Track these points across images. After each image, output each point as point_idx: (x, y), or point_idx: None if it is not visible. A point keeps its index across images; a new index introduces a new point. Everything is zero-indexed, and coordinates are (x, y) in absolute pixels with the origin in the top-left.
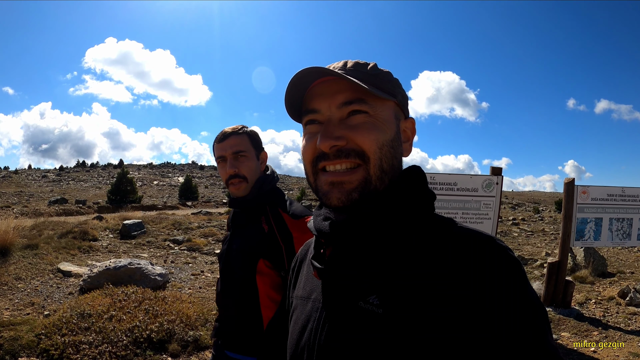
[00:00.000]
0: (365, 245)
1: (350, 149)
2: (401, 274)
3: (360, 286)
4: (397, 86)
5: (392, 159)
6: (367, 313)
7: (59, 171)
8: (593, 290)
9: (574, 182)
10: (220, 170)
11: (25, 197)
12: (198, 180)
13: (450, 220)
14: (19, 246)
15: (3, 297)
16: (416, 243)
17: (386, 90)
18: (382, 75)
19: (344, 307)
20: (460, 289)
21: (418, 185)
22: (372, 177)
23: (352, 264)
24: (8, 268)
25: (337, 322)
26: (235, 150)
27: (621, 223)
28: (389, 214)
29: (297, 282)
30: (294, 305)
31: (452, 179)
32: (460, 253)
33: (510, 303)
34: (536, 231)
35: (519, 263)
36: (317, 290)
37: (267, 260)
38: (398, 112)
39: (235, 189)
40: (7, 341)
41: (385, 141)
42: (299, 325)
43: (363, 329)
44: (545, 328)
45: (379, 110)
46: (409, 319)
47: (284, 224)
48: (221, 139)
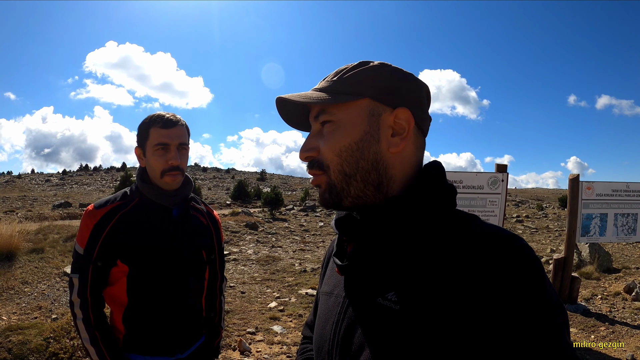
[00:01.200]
0: (384, 242)
1: (315, 161)
2: (419, 271)
3: (379, 283)
4: (370, 80)
5: (358, 160)
6: (385, 309)
7: (62, 175)
8: (599, 286)
9: (578, 178)
10: (158, 157)
11: (29, 201)
12: (201, 182)
13: (473, 216)
14: (25, 250)
15: (10, 302)
16: (435, 240)
17: (352, 91)
18: (350, 77)
19: (363, 303)
20: (476, 287)
21: (435, 181)
22: (335, 181)
23: (371, 261)
24: (14, 272)
25: (356, 317)
26: (182, 141)
27: (626, 218)
28: (406, 211)
29: (323, 278)
30: (320, 300)
31: (457, 176)
32: (478, 251)
33: (526, 302)
34: (540, 228)
35: (538, 262)
36: (339, 286)
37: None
38: (375, 107)
39: (172, 180)
40: (16, 345)
41: (344, 146)
42: (322, 320)
43: (380, 324)
44: (562, 328)
45: (341, 116)
46: (424, 316)
47: (212, 215)
48: (167, 125)
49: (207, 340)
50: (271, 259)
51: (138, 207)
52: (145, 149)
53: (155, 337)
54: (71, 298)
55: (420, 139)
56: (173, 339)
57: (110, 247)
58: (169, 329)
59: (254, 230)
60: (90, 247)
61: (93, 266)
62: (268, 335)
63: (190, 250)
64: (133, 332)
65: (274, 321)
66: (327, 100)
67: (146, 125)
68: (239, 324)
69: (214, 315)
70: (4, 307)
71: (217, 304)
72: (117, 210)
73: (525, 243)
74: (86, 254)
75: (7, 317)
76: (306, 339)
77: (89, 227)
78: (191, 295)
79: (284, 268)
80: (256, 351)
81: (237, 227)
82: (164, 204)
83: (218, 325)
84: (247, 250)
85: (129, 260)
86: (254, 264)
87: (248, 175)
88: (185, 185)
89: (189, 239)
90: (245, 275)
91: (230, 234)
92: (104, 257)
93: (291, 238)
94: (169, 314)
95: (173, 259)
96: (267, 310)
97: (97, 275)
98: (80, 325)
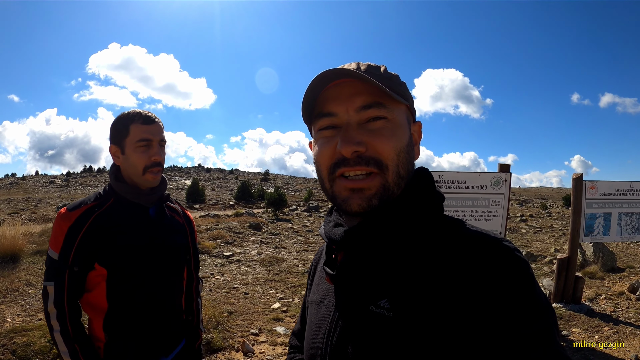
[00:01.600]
0: (376, 250)
1: (370, 157)
2: (410, 278)
3: (371, 290)
4: (407, 89)
5: (407, 164)
6: (378, 317)
7: (66, 177)
8: (603, 286)
9: (582, 177)
10: (140, 154)
11: (33, 203)
12: (205, 183)
13: (459, 221)
14: (29, 252)
15: (14, 303)
16: (425, 246)
17: (400, 93)
18: (394, 79)
19: (355, 311)
20: (467, 291)
21: (427, 188)
22: (390, 183)
23: (363, 269)
24: (19, 274)
25: (348, 326)
26: (162, 138)
27: (630, 218)
28: (401, 218)
29: (311, 286)
30: (309, 309)
31: (460, 177)
32: (467, 255)
33: (515, 304)
34: (544, 227)
35: (525, 264)
36: (330, 294)
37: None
38: (409, 115)
39: (154, 177)
40: (20, 347)
41: (402, 147)
42: (313, 329)
43: (374, 332)
44: (551, 329)
45: (395, 115)
46: (417, 322)
47: (186, 215)
48: (148, 121)
49: (188, 343)
50: (275, 260)
51: (114, 207)
52: (124, 146)
53: (139, 341)
54: (47, 309)
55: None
56: (157, 342)
57: (86, 250)
58: (153, 331)
59: (257, 230)
60: (66, 251)
61: (69, 272)
62: (271, 337)
63: (169, 249)
64: (115, 339)
65: (277, 322)
66: (393, 95)
67: (125, 122)
68: (242, 325)
69: (192, 317)
70: (8, 309)
71: (194, 306)
72: (91, 212)
73: (512, 245)
74: (61, 259)
75: (11, 319)
76: (293, 349)
77: (63, 230)
78: (173, 295)
79: (287, 269)
80: (259, 352)
81: (240, 227)
82: (141, 202)
83: (197, 327)
84: (250, 251)
85: (107, 262)
86: (257, 264)
87: (252, 175)
88: (161, 184)
89: (168, 237)
90: (248, 276)
91: (234, 234)
92: (81, 261)
93: (295, 238)
94: (152, 315)
95: (153, 258)
96: (271, 311)
97: (73, 282)
98: (57, 337)
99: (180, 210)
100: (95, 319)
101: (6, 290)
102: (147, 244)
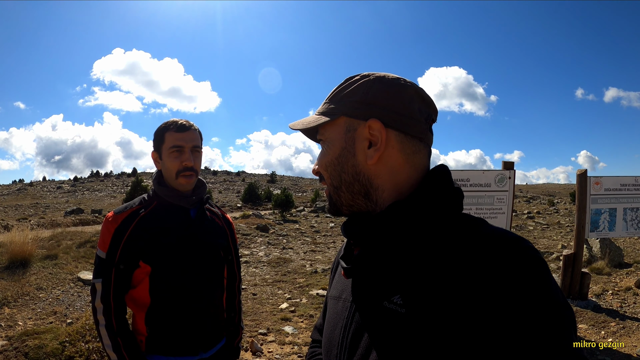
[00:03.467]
0: (389, 246)
1: (320, 175)
2: (424, 275)
3: (385, 286)
4: (345, 98)
5: (340, 173)
6: (391, 312)
7: (74, 182)
8: (610, 281)
9: (586, 173)
10: (173, 159)
11: (41, 208)
12: (211, 185)
13: (480, 220)
14: (39, 257)
15: (26, 307)
16: (440, 243)
17: (332, 112)
18: (332, 98)
19: (369, 307)
20: (481, 289)
21: (441, 185)
22: (330, 192)
23: (377, 264)
24: (29, 279)
25: (362, 321)
26: (195, 144)
27: (635, 213)
28: (411, 215)
29: (332, 282)
30: (328, 304)
31: (464, 175)
32: (484, 253)
33: (532, 303)
34: (552, 224)
35: (543, 263)
36: (347, 290)
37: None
38: (350, 123)
39: (186, 181)
40: (32, 349)
41: (329, 161)
42: (331, 324)
43: (386, 328)
44: (568, 329)
45: (327, 135)
46: (429, 319)
47: (226, 217)
48: (181, 129)
49: (229, 340)
50: (282, 261)
51: (157, 209)
52: (161, 153)
53: (179, 335)
54: (94, 304)
55: (412, 144)
56: (196, 337)
57: (132, 249)
58: (192, 327)
59: (265, 232)
60: (112, 250)
61: (115, 269)
62: (279, 336)
63: (209, 248)
64: (156, 333)
65: (285, 322)
66: (310, 125)
67: (162, 131)
68: (251, 325)
69: (234, 314)
70: (19, 312)
71: (237, 304)
72: (136, 214)
73: (531, 245)
74: (108, 257)
75: (22, 323)
76: (315, 343)
77: (110, 231)
78: (213, 292)
79: (295, 269)
80: (268, 352)
81: (248, 229)
82: (182, 204)
83: (238, 324)
84: (258, 253)
85: (151, 259)
86: (265, 265)
87: (258, 177)
88: (199, 187)
89: (208, 238)
90: (256, 277)
91: (242, 236)
92: (126, 259)
93: (302, 239)
94: (192, 311)
95: (193, 256)
96: (279, 311)
97: (119, 279)
98: (102, 331)
99: (220, 214)
100: (138, 314)
101: (17, 295)
102: (188, 243)
